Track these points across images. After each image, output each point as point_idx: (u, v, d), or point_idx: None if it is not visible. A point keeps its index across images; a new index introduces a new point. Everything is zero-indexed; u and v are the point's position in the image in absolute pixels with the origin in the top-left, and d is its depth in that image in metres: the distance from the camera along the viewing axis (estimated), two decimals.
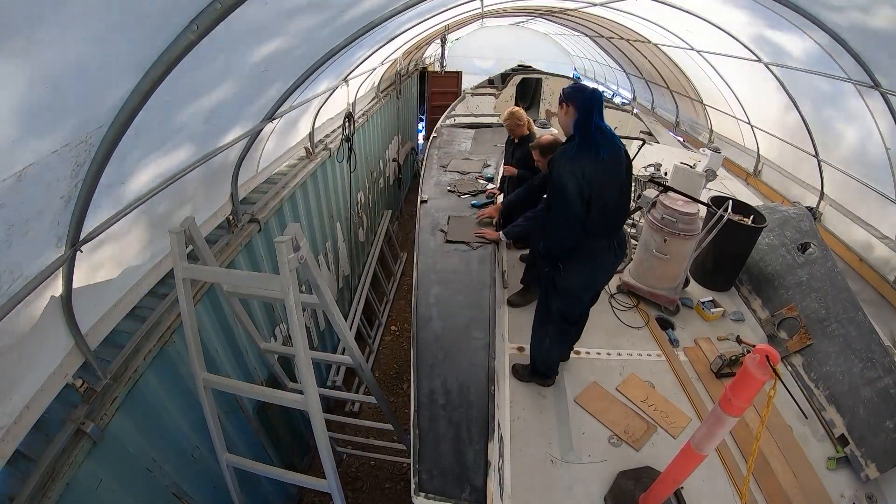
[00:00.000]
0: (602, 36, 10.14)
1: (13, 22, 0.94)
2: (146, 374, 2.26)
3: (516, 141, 3.88)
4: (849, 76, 3.70)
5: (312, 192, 4.59)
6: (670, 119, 9.35)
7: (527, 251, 3.81)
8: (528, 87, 9.10)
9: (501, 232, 3.12)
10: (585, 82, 12.64)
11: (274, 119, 2.96)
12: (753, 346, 1.52)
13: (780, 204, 4.39)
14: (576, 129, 2.14)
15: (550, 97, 10.25)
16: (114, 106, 1.40)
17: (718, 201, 3.48)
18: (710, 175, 4.79)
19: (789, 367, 2.92)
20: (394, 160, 9.34)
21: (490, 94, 8.92)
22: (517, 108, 3.87)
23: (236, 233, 3.18)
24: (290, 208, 4.07)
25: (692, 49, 6.34)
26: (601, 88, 14.41)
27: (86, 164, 1.46)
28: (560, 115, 2.24)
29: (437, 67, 12.79)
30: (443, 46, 11.73)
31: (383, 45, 4.66)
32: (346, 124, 5.24)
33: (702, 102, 7.65)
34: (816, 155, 4.84)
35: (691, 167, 4.64)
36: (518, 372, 2.76)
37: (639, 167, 5.33)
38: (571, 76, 9.62)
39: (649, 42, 7.68)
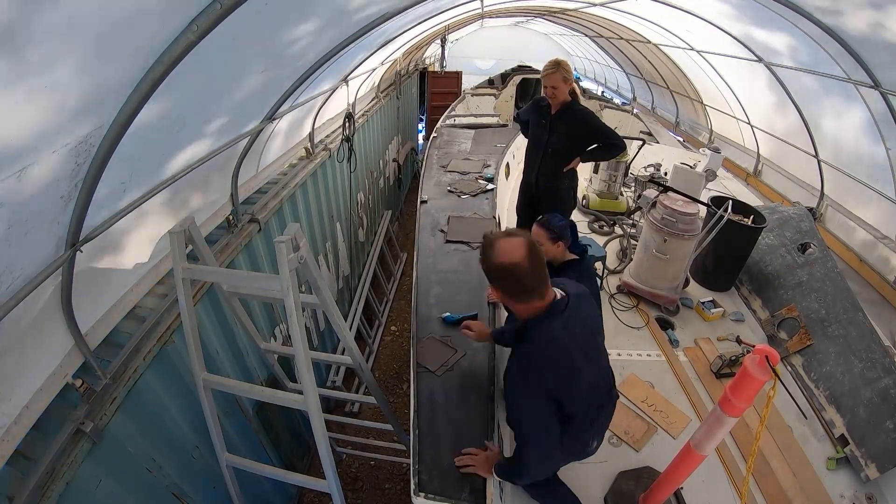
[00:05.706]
0: (602, 36, 10.14)
1: (12, 20, 0.94)
2: (146, 374, 2.26)
3: (555, 110, 3.07)
4: (849, 76, 3.70)
5: (312, 193, 4.59)
6: (670, 119, 9.35)
7: None
8: (528, 87, 9.12)
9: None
10: (585, 82, 12.62)
11: (274, 119, 2.96)
12: (753, 346, 1.51)
13: (780, 204, 4.39)
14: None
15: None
16: (114, 106, 1.40)
17: (718, 201, 3.48)
18: (710, 175, 4.81)
19: (789, 368, 2.92)
20: (394, 160, 9.34)
21: (490, 95, 8.92)
22: (563, 59, 3.00)
23: (236, 233, 3.18)
24: (290, 208, 4.06)
25: (692, 49, 6.34)
26: (600, 89, 14.31)
27: (86, 164, 1.46)
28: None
29: (437, 68, 12.81)
30: (443, 47, 11.74)
31: (383, 46, 4.66)
32: (346, 124, 5.23)
33: (702, 102, 7.65)
34: (816, 155, 4.84)
35: (691, 167, 4.64)
36: None
37: (639, 167, 5.35)
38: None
39: (649, 42, 7.68)
